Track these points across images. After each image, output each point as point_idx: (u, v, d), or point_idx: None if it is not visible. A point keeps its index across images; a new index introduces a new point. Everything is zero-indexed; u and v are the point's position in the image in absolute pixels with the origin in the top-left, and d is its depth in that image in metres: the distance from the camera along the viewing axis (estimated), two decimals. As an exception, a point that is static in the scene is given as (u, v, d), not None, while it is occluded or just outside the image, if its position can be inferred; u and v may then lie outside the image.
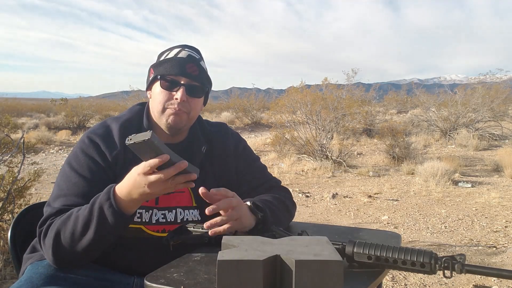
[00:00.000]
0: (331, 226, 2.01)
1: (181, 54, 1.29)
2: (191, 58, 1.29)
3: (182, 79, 1.26)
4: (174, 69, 1.26)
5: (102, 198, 1.08)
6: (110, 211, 1.06)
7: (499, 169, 7.19)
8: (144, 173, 1.01)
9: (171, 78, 1.26)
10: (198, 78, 1.28)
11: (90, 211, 1.08)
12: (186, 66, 1.26)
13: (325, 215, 4.93)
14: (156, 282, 0.90)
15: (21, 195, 3.34)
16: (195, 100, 1.29)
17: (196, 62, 1.29)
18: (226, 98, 25.39)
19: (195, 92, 1.28)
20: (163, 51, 1.35)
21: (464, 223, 4.48)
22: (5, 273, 2.77)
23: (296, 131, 8.85)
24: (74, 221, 1.09)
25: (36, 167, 6.17)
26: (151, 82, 1.31)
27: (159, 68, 1.28)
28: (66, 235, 1.09)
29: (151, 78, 1.31)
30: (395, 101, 23.53)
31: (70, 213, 1.12)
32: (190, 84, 1.27)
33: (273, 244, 0.90)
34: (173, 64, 1.26)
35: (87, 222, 1.07)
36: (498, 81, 14.52)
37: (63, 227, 1.09)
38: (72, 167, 1.22)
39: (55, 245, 1.10)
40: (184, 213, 1.28)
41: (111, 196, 1.07)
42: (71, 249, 1.09)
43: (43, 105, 26.24)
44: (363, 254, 0.95)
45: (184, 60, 1.27)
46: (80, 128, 16.02)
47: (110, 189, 1.08)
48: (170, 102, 1.26)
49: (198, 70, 1.28)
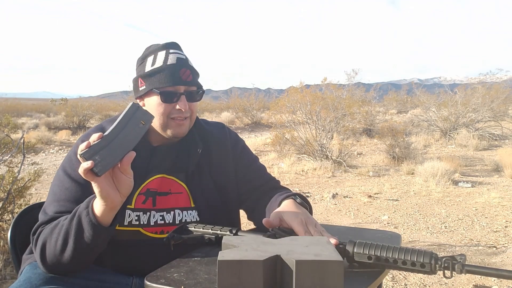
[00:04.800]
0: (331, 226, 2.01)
1: (170, 60, 1.24)
2: (182, 62, 1.25)
3: (180, 88, 1.23)
4: (170, 80, 1.22)
5: (82, 206, 1.05)
6: (87, 220, 1.01)
7: (499, 169, 7.19)
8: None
9: (169, 90, 1.23)
10: (194, 82, 1.26)
11: (71, 220, 1.05)
12: (180, 73, 1.23)
13: (325, 215, 4.93)
14: (156, 282, 0.90)
15: (21, 195, 3.34)
16: (195, 104, 1.28)
17: (187, 64, 1.26)
18: (226, 98, 25.39)
19: (194, 97, 1.27)
20: (144, 56, 1.28)
21: (464, 223, 4.48)
22: (5, 273, 2.77)
23: (296, 131, 8.85)
24: (58, 231, 1.06)
25: (36, 167, 6.17)
26: (144, 94, 1.27)
27: (151, 79, 1.23)
28: (51, 245, 1.06)
29: (142, 88, 1.26)
30: (395, 101, 23.54)
31: (57, 221, 1.10)
32: (188, 91, 1.25)
33: (274, 244, 0.90)
34: (167, 74, 1.22)
35: (67, 232, 1.04)
36: (498, 81, 14.53)
37: (49, 236, 1.07)
38: (66, 172, 1.21)
39: (42, 255, 1.08)
40: (182, 214, 1.28)
41: (90, 205, 1.02)
42: (56, 259, 1.06)
43: (43, 105, 26.25)
44: (364, 254, 0.95)
45: (176, 66, 1.23)
46: (80, 128, 16.02)
47: (91, 198, 1.04)
48: (172, 112, 1.24)
49: (191, 74, 1.25)
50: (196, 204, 1.29)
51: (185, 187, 1.30)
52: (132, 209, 1.23)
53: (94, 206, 1.02)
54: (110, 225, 1.04)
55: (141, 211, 1.24)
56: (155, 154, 1.29)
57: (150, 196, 1.26)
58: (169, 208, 1.27)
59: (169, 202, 1.28)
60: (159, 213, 1.25)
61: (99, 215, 1.01)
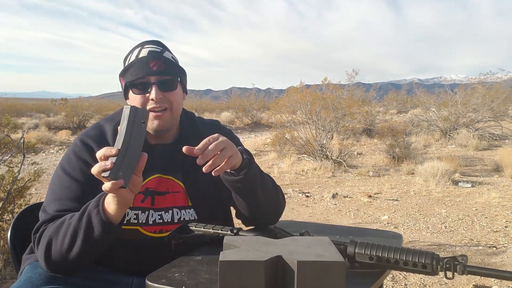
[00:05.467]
0: (332, 226, 2.01)
1: (142, 54, 1.26)
2: (153, 54, 1.25)
3: (150, 78, 1.24)
4: (140, 71, 1.23)
5: (92, 205, 1.06)
6: (97, 218, 1.03)
7: (499, 169, 7.19)
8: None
9: (139, 81, 1.24)
10: (167, 71, 1.25)
11: (80, 218, 1.06)
12: (150, 64, 1.23)
13: (325, 215, 4.93)
14: (157, 282, 0.90)
15: (21, 195, 3.34)
16: (172, 93, 1.27)
17: (158, 56, 1.26)
18: (226, 98, 25.38)
19: (168, 86, 1.26)
20: (126, 56, 1.31)
21: (464, 223, 4.48)
22: (5, 273, 2.77)
23: (296, 131, 8.85)
24: (65, 229, 1.08)
25: (36, 167, 6.17)
26: (125, 92, 1.29)
27: (126, 75, 1.26)
28: (57, 243, 1.07)
29: (123, 88, 1.29)
30: (395, 101, 23.55)
31: (62, 220, 1.11)
32: (160, 80, 1.24)
33: (275, 245, 0.90)
34: (137, 66, 1.24)
35: (76, 230, 1.06)
36: (498, 81, 14.53)
37: (55, 235, 1.08)
38: (65, 171, 1.21)
39: (46, 253, 1.09)
40: (180, 213, 1.28)
41: (100, 203, 1.04)
42: (62, 257, 1.08)
43: (43, 105, 26.25)
44: (365, 254, 0.95)
45: (146, 58, 1.24)
46: (80, 128, 16.01)
47: (100, 196, 1.06)
48: (148, 104, 1.24)
49: (163, 63, 1.25)
50: (193, 203, 1.30)
51: (182, 186, 1.30)
52: (131, 208, 1.23)
53: (105, 204, 1.04)
54: (119, 223, 1.07)
55: (139, 210, 1.24)
56: (153, 153, 1.29)
57: (149, 196, 1.26)
58: (167, 207, 1.27)
59: (167, 201, 1.28)
60: (157, 212, 1.26)
61: (111, 213, 1.03)
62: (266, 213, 1.28)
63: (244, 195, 1.20)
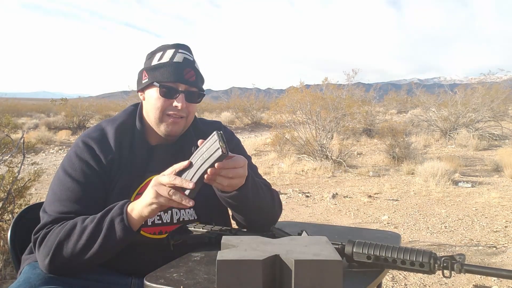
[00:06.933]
0: (330, 226, 2.01)
1: (176, 58, 1.26)
2: (188, 62, 1.27)
3: (180, 86, 1.25)
4: (172, 76, 1.24)
5: (115, 212, 1.09)
6: (121, 225, 1.06)
7: (499, 169, 7.19)
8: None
9: (169, 85, 1.24)
10: (196, 83, 1.27)
11: (99, 223, 1.08)
12: (184, 72, 1.24)
13: (325, 215, 4.94)
14: (155, 282, 0.90)
15: (21, 195, 3.34)
16: (194, 105, 1.29)
17: (192, 66, 1.27)
18: (226, 98, 25.38)
19: (193, 97, 1.28)
20: (154, 51, 1.31)
21: (464, 223, 4.48)
22: (5, 273, 2.77)
23: (296, 131, 8.86)
24: (79, 232, 1.08)
25: (36, 167, 6.17)
26: (145, 86, 1.29)
27: (154, 73, 1.26)
28: (70, 246, 1.08)
29: (145, 81, 1.28)
30: (395, 101, 23.53)
31: (74, 223, 1.11)
32: (188, 91, 1.26)
33: (273, 244, 0.90)
34: (171, 70, 1.24)
35: (93, 234, 1.07)
36: (498, 81, 14.53)
37: (67, 238, 1.08)
38: (66, 172, 1.21)
39: (55, 255, 1.08)
40: (180, 213, 1.28)
41: (124, 211, 1.08)
42: (73, 260, 1.08)
43: (43, 105, 26.26)
44: (363, 254, 0.95)
45: (181, 65, 1.25)
46: (80, 128, 16.02)
47: (124, 204, 1.10)
48: (168, 109, 1.25)
49: (195, 75, 1.27)
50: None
51: None
52: None
53: (133, 212, 1.08)
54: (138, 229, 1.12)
55: None
56: (153, 153, 1.30)
57: None
58: (166, 208, 1.27)
59: None
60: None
61: (136, 219, 1.08)
62: (260, 221, 1.26)
63: (236, 209, 1.20)
